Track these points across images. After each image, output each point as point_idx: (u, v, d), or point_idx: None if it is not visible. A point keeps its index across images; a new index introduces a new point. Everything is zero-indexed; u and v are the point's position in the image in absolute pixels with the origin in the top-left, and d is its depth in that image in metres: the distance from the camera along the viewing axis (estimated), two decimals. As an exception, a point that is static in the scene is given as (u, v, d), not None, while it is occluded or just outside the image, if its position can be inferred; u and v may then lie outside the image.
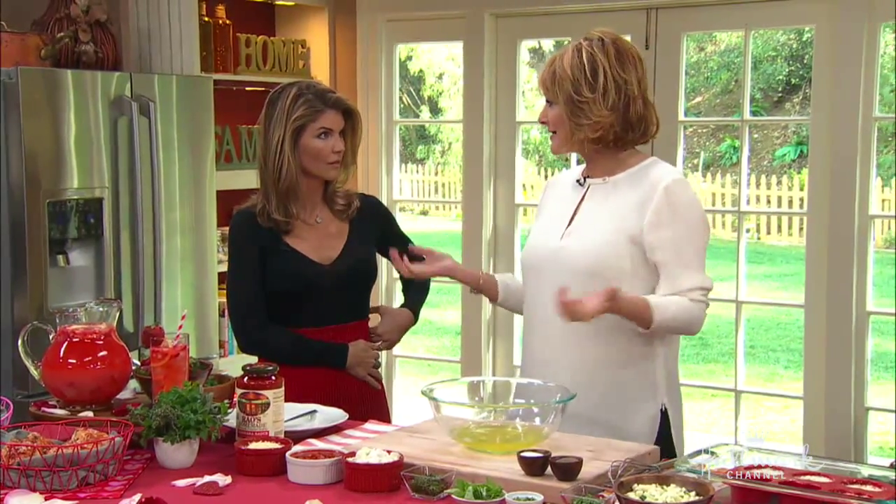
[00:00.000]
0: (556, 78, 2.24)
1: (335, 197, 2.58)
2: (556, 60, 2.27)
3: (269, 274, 2.52)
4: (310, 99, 2.50)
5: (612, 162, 2.29)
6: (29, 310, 3.26)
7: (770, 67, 13.00)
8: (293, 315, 2.53)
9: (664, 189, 2.20)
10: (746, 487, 1.67)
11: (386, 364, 4.47)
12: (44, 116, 3.31)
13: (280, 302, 2.53)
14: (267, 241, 2.53)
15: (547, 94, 2.28)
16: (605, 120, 2.22)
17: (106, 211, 3.49)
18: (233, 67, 4.16)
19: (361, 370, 2.57)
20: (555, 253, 2.27)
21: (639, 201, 2.22)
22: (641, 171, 2.27)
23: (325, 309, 2.52)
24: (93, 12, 3.70)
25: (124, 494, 1.81)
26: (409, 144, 13.78)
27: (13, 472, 1.82)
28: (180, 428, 1.95)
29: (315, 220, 2.57)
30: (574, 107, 2.22)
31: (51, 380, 2.12)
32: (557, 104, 2.25)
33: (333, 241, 2.57)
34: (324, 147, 2.50)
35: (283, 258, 2.52)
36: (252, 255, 2.53)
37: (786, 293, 8.99)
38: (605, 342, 2.22)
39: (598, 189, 2.30)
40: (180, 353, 2.13)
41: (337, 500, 1.77)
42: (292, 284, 2.51)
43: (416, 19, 4.40)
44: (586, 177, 2.33)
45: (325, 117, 2.51)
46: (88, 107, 3.43)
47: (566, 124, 2.25)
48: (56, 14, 3.66)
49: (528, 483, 1.79)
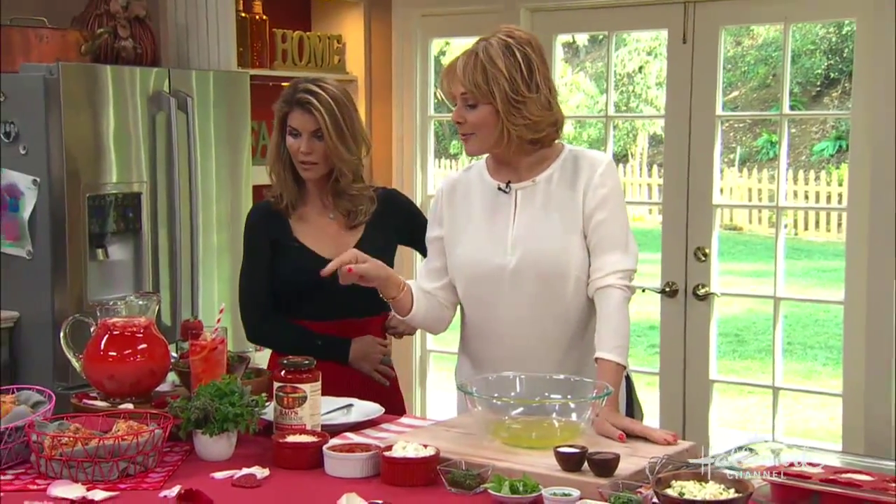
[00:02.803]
0: (488, 78, 2.17)
1: (342, 198, 2.56)
2: (478, 60, 2.17)
3: (278, 267, 2.55)
4: (286, 96, 2.53)
5: (535, 160, 2.27)
6: (69, 303, 3.31)
7: (809, 61, 12.86)
8: (303, 308, 2.55)
9: (601, 174, 2.24)
10: (787, 485, 1.66)
11: (420, 359, 4.48)
12: (83, 112, 3.35)
13: (290, 295, 2.55)
14: (278, 234, 2.55)
15: (475, 95, 2.18)
16: (543, 119, 2.21)
17: (144, 205, 3.53)
18: (269, 63, 4.18)
19: (367, 365, 2.56)
20: (505, 268, 2.23)
21: (579, 189, 2.23)
22: (568, 162, 2.27)
23: (336, 304, 2.51)
24: (132, 8, 3.74)
25: (164, 486, 1.82)
26: (442, 140, 13.77)
27: (56, 462, 1.85)
28: (219, 420, 1.97)
29: (328, 216, 2.58)
30: (511, 107, 2.17)
31: (91, 372, 2.15)
32: (485, 105, 2.18)
33: (345, 236, 2.57)
34: (293, 145, 2.52)
35: (291, 252, 2.54)
36: (263, 247, 2.56)
37: (824, 290, 8.89)
38: (561, 334, 2.26)
39: (529, 193, 2.27)
40: (218, 347, 2.15)
41: (373, 493, 1.77)
42: (299, 278, 2.52)
43: (452, 14, 4.40)
44: (508, 182, 2.28)
45: (292, 117, 2.51)
46: (127, 102, 3.47)
47: (494, 125, 2.19)
48: (96, 10, 3.71)
49: (565, 479, 1.78)
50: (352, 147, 2.52)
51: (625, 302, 2.21)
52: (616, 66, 3.66)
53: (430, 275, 2.36)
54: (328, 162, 2.52)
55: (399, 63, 4.43)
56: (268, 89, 4.22)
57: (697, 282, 3.89)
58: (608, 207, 2.23)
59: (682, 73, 3.88)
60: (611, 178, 2.25)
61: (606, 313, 2.18)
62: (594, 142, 12.08)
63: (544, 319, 2.25)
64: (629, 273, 2.23)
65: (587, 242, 2.24)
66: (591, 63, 14.18)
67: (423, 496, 1.79)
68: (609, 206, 2.23)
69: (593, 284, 2.23)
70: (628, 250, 2.24)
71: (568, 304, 2.25)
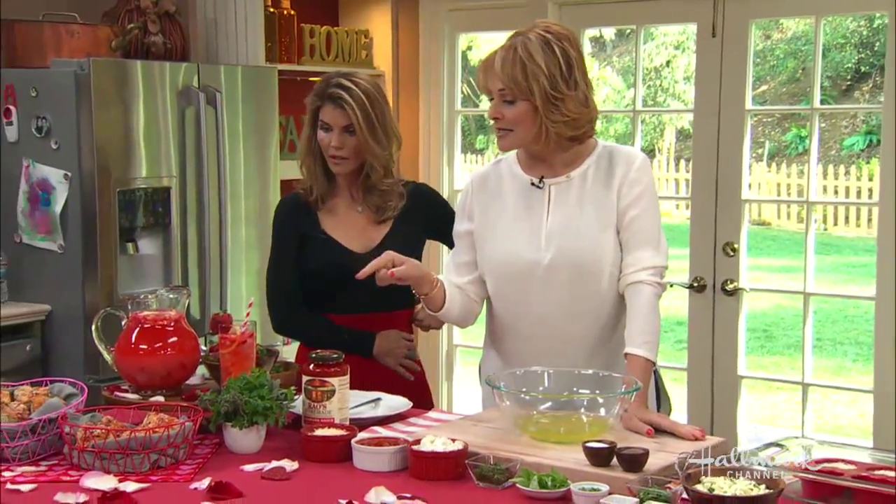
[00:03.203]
0: (527, 74, 2.15)
1: (372, 193, 2.56)
2: (517, 56, 2.15)
3: (305, 259, 2.55)
4: (318, 91, 2.53)
5: (570, 156, 2.26)
6: (99, 296, 3.34)
7: (839, 55, 12.73)
8: (329, 301, 2.55)
9: (636, 170, 2.23)
10: (819, 481, 1.65)
11: (446, 353, 4.48)
12: (114, 106, 3.38)
13: (316, 288, 2.56)
14: (306, 227, 2.56)
15: (513, 91, 2.16)
16: (581, 116, 2.20)
17: (173, 200, 3.55)
18: (297, 58, 4.20)
19: (391, 360, 2.56)
20: (539, 264, 2.22)
21: (614, 185, 2.22)
22: (603, 158, 2.26)
23: (362, 297, 2.50)
24: (162, 4, 3.77)
25: (194, 478, 1.84)
26: (468, 134, 13.76)
27: (88, 454, 1.86)
28: (248, 413, 1.98)
29: (357, 209, 2.58)
30: (550, 104, 2.16)
31: (123, 365, 2.16)
32: (523, 101, 2.16)
33: (373, 230, 2.57)
34: (324, 139, 2.52)
35: (318, 244, 2.55)
36: (290, 239, 2.57)
37: (854, 285, 8.81)
38: (594, 330, 2.25)
39: (563, 189, 2.26)
40: (248, 340, 2.16)
41: (402, 487, 1.78)
42: (326, 271, 2.53)
43: (479, 8, 4.40)
44: (541, 178, 2.27)
45: (324, 111, 2.51)
46: (157, 97, 3.49)
47: (533, 122, 2.18)
48: (126, 6, 3.74)
49: (594, 473, 1.78)
50: (383, 142, 2.52)
51: (655, 298, 2.20)
52: (643, 61, 3.65)
53: (459, 269, 2.35)
54: (359, 156, 2.52)
55: (426, 58, 4.43)
56: (296, 84, 4.23)
57: (726, 277, 3.86)
58: (642, 204, 2.22)
59: (711, 67, 3.86)
60: (645, 174, 2.25)
61: (637, 309, 2.18)
62: (621, 137, 12.01)
63: (576, 316, 2.24)
64: (661, 269, 2.22)
65: (620, 238, 2.23)
66: (618, 58, 14.10)
67: (452, 490, 1.79)
68: (643, 203, 2.23)
69: (625, 280, 2.22)
70: (660, 247, 2.23)
71: (601, 301, 2.24)
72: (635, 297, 2.19)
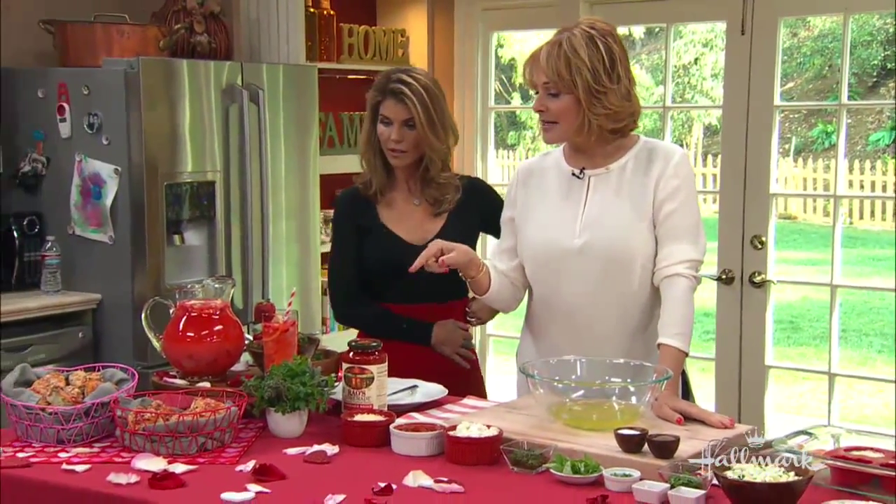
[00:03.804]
0: (571, 68, 2.16)
1: (430, 186, 2.56)
2: (561, 50, 2.15)
3: (364, 251, 2.56)
4: (379, 86, 2.53)
5: (612, 149, 2.26)
6: (147, 286, 3.37)
7: (865, 52, 12.54)
8: (388, 291, 2.56)
9: (674, 165, 2.22)
10: (847, 469, 1.63)
11: (480, 343, 4.48)
12: (161, 104, 3.40)
13: (376, 278, 2.57)
14: (365, 219, 2.57)
15: (557, 84, 2.17)
16: (623, 109, 2.20)
17: (218, 193, 3.58)
18: (336, 56, 4.21)
19: (448, 349, 2.56)
20: (571, 249, 2.22)
21: (651, 179, 2.21)
22: (643, 152, 2.25)
23: (419, 287, 2.51)
24: (207, 5, 3.79)
25: (240, 461, 1.85)
26: (500, 130, 13.73)
27: (139, 437, 1.88)
28: (290, 399, 1.99)
29: (413, 202, 2.58)
30: (592, 97, 2.16)
31: (171, 351, 2.18)
32: (567, 94, 2.17)
33: (430, 223, 2.57)
34: (383, 133, 2.52)
35: (377, 236, 2.55)
36: (349, 232, 2.58)
37: (879, 278, 8.69)
38: (627, 321, 2.24)
39: (601, 179, 2.26)
40: (290, 329, 2.17)
41: (438, 471, 1.78)
42: (384, 262, 2.54)
43: (512, 7, 4.38)
44: (582, 168, 2.27)
45: (385, 105, 2.51)
46: (202, 95, 3.52)
47: (576, 115, 2.18)
48: (173, 7, 3.77)
49: (626, 459, 1.77)
50: (441, 136, 2.53)
51: (690, 290, 2.18)
52: (672, 58, 3.61)
53: (503, 255, 2.37)
54: (417, 150, 2.52)
55: (460, 56, 4.43)
56: (335, 82, 4.25)
57: (754, 269, 3.83)
58: (679, 198, 2.21)
59: (740, 64, 3.82)
60: (683, 169, 2.24)
61: (672, 300, 2.16)
62: (650, 132, 11.90)
63: (607, 304, 2.24)
64: (696, 263, 2.21)
65: (656, 232, 2.22)
66: (647, 55, 13.99)
67: (487, 475, 1.79)
68: (680, 197, 2.21)
69: (660, 272, 2.20)
70: (698, 242, 2.22)
71: (631, 292, 2.23)
72: (670, 289, 2.18)
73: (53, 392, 1.97)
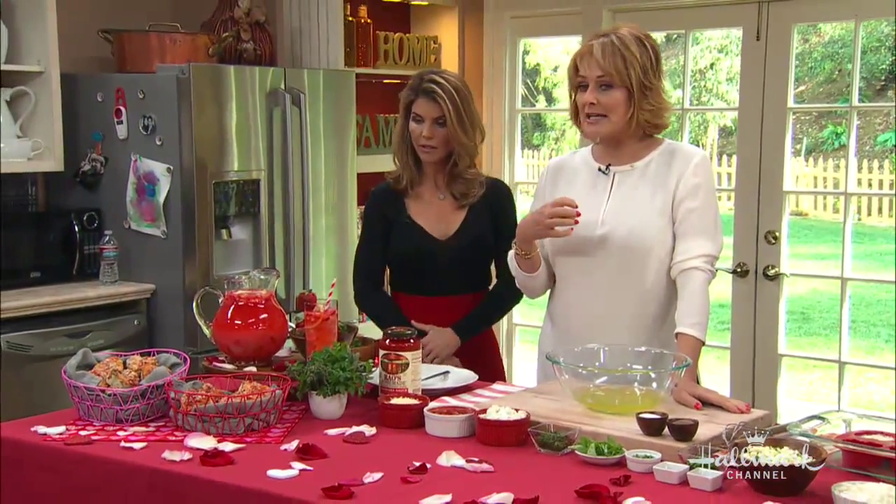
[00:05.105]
0: (626, 62, 2.16)
1: (457, 181, 2.56)
2: (615, 46, 2.15)
3: (391, 242, 2.57)
4: (412, 86, 2.53)
5: (639, 147, 2.25)
6: (197, 277, 3.39)
7: (874, 57, 12.37)
8: (412, 283, 2.57)
9: (695, 166, 2.21)
10: (859, 452, 1.61)
11: (506, 332, 4.47)
12: (210, 107, 3.43)
13: (401, 269, 2.58)
14: (393, 213, 2.57)
15: (613, 77, 2.16)
16: (663, 107, 2.22)
17: (262, 191, 3.59)
18: (372, 62, 4.21)
19: (434, 354, 2.51)
20: (592, 239, 2.20)
21: (672, 178, 2.20)
22: (666, 153, 2.25)
23: (442, 280, 2.52)
24: (253, 14, 3.81)
25: (284, 440, 1.86)
26: (525, 132, 13.69)
27: (191, 417, 1.90)
28: (331, 383, 1.99)
29: (439, 196, 2.58)
30: (642, 92, 2.18)
31: (220, 338, 2.19)
32: (619, 87, 2.17)
33: (452, 216, 2.57)
34: (415, 130, 2.52)
35: (403, 229, 2.55)
36: (377, 223, 2.59)
37: (886, 272, 8.57)
38: (644, 312, 2.22)
39: (625, 176, 2.25)
40: (330, 317, 2.18)
41: (470, 451, 1.78)
42: (408, 254, 2.54)
43: (538, 16, 4.36)
44: (608, 165, 2.26)
45: (418, 104, 2.51)
46: (248, 98, 3.53)
47: (626, 108, 2.18)
48: (222, 16, 3.79)
49: (647, 442, 1.76)
50: (469, 133, 2.53)
51: (706, 283, 2.17)
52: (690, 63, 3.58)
53: None
54: (447, 146, 2.53)
55: (489, 61, 4.41)
56: (371, 86, 4.25)
57: (767, 263, 3.79)
58: (699, 197, 2.19)
59: (755, 69, 3.78)
60: (704, 170, 2.23)
61: (689, 292, 2.14)
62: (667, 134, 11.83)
63: (623, 297, 2.22)
64: (712, 258, 2.19)
65: (675, 228, 2.20)
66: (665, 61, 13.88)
67: (515, 456, 1.78)
68: (700, 196, 2.20)
69: (677, 266, 2.18)
70: (715, 239, 2.20)
71: (648, 285, 2.21)
72: (687, 282, 2.16)
73: (112, 375, 1.99)
